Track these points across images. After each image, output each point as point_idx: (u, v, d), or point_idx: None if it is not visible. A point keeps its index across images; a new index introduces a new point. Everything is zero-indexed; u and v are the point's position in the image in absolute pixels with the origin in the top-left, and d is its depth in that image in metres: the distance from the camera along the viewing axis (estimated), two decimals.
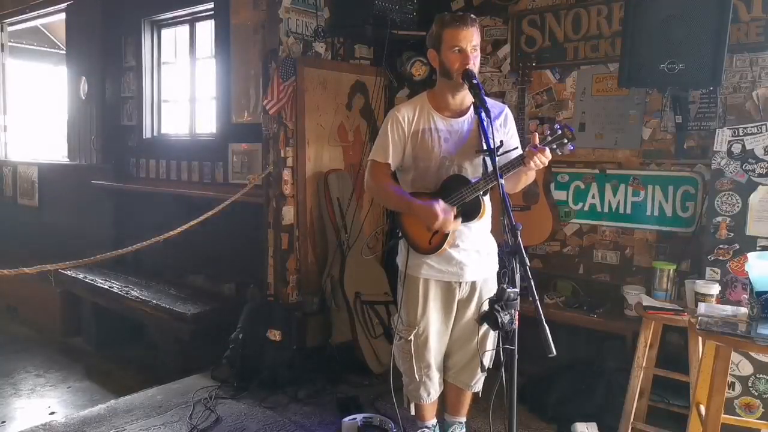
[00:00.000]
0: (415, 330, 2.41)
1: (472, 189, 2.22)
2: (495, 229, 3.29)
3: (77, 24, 5.61)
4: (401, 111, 2.33)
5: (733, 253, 2.75)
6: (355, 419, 2.88)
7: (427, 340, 2.43)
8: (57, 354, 4.57)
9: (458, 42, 2.17)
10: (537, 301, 1.67)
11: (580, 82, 3.52)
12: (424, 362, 2.45)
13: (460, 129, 2.31)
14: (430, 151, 2.30)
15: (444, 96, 2.31)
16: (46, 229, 5.85)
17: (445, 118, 2.32)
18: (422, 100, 2.36)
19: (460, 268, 2.35)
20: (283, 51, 3.71)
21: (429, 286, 2.39)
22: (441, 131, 2.30)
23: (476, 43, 2.20)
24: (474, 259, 2.37)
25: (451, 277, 2.37)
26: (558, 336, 1.63)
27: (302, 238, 3.84)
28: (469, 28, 2.18)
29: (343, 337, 3.66)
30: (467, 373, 2.53)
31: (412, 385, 2.52)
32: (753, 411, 2.62)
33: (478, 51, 2.21)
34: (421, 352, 2.44)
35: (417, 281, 2.39)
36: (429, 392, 2.51)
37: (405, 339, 2.44)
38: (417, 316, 2.41)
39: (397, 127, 2.32)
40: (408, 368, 2.48)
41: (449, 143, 2.30)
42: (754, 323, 2.06)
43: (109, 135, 5.34)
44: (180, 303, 4.08)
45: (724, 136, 2.78)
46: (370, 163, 2.39)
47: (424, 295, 2.39)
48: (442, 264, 2.35)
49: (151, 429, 2.93)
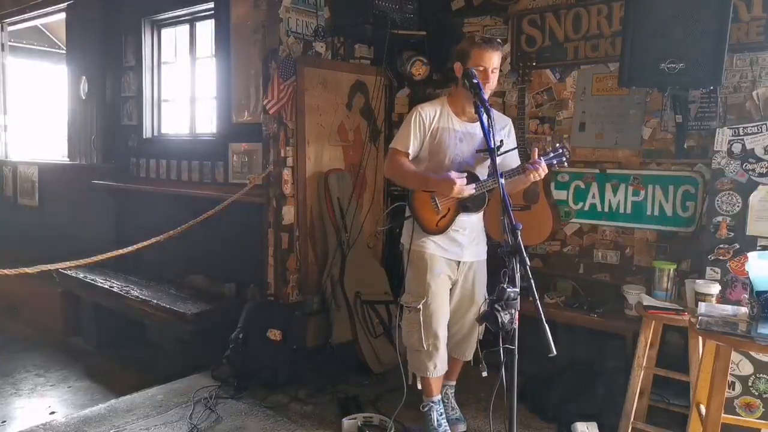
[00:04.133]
0: (423, 299, 2.64)
1: (481, 185, 2.53)
2: (495, 229, 3.31)
3: (77, 24, 5.60)
4: (425, 109, 2.63)
5: (734, 253, 2.76)
6: (355, 419, 2.89)
7: (435, 309, 2.65)
8: (57, 353, 4.57)
9: (483, 62, 2.47)
10: (537, 301, 1.68)
11: (581, 82, 3.52)
12: (432, 331, 2.64)
13: (474, 133, 2.61)
14: (446, 147, 2.60)
15: (461, 103, 2.61)
16: (46, 229, 5.84)
17: (462, 122, 2.62)
18: (443, 102, 2.67)
19: (461, 249, 2.68)
20: (284, 51, 3.71)
21: (434, 260, 2.66)
22: (458, 132, 2.61)
23: (497, 65, 2.51)
24: (472, 244, 2.72)
25: (453, 256, 2.68)
26: (558, 336, 1.64)
27: (302, 238, 3.84)
28: (495, 51, 2.49)
29: (343, 337, 3.66)
30: (464, 344, 2.82)
31: (419, 358, 2.69)
32: (753, 411, 2.62)
33: (497, 72, 2.53)
34: (429, 321, 2.64)
35: (424, 255, 2.66)
36: (436, 364, 2.68)
37: (414, 309, 2.66)
38: (425, 286, 2.65)
39: (420, 122, 2.61)
40: (416, 339, 2.66)
41: (464, 143, 2.61)
42: (755, 323, 2.06)
43: (109, 135, 5.34)
44: (180, 303, 4.07)
45: (724, 136, 2.78)
46: (391, 150, 2.69)
47: (431, 268, 2.65)
48: (445, 243, 2.66)
49: (151, 428, 2.93)
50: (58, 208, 5.77)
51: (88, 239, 5.08)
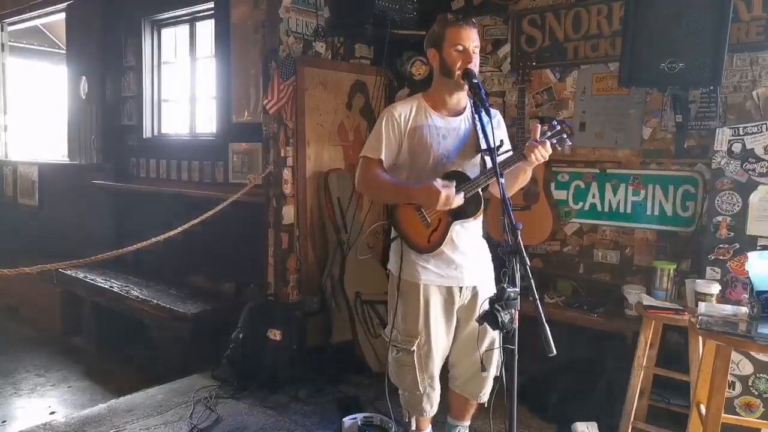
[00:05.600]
0: (417, 340, 2.30)
1: (473, 184, 2.18)
2: (495, 229, 3.30)
3: (77, 24, 5.61)
4: (397, 109, 2.28)
5: (734, 253, 2.75)
6: (356, 419, 2.88)
7: (431, 349, 2.31)
8: (57, 353, 4.57)
9: (461, 41, 2.17)
10: (537, 301, 1.67)
11: (581, 82, 3.51)
12: (428, 373, 2.34)
13: (458, 128, 2.28)
14: (428, 147, 2.24)
15: (441, 95, 2.29)
16: (46, 228, 5.85)
17: (443, 117, 2.28)
18: (418, 99, 2.33)
19: (459, 271, 2.28)
20: (284, 50, 3.71)
21: (429, 291, 2.29)
22: (439, 128, 2.26)
23: (477, 44, 2.21)
24: (472, 262, 2.32)
25: (452, 282, 2.29)
26: (558, 335, 1.63)
27: (302, 238, 3.84)
28: (472, 28, 2.20)
29: (343, 337, 3.66)
30: (474, 384, 2.43)
31: (414, 399, 2.40)
32: (753, 410, 2.62)
33: (478, 52, 2.21)
34: (425, 362, 2.32)
35: (416, 287, 2.29)
36: (432, 404, 2.42)
37: (406, 350, 2.33)
38: (419, 325, 2.29)
39: (392, 124, 2.26)
40: (410, 382, 2.36)
41: (447, 141, 2.26)
42: (755, 323, 2.06)
43: (109, 135, 5.34)
44: (180, 303, 4.08)
45: (724, 136, 2.78)
46: (362, 160, 2.31)
47: (425, 302, 2.28)
48: (441, 268, 2.27)
49: (151, 428, 2.93)
50: (58, 208, 5.77)
51: (88, 239, 5.09)
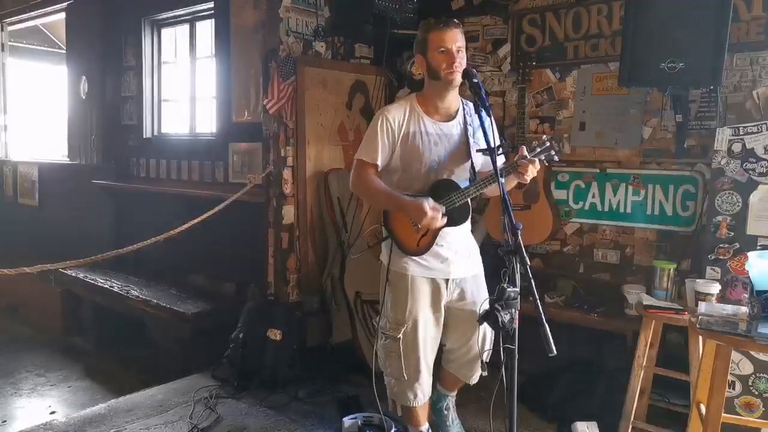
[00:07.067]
0: (403, 328, 2.39)
1: (462, 194, 2.27)
2: (495, 229, 3.30)
3: (77, 24, 5.61)
4: (391, 112, 2.33)
5: (734, 252, 2.75)
6: (356, 419, 2.88)
7: (416, 338, 2.39)
8: (57, 353, 4.57)
9: (444, 43, 2.22)
10: (537, 301, 1.68)
11: (581, 82, 3.51)
12: (412, 361, 2.41)
13: (450, 133, 2.34)
14: (420, 154, 2.31)
15: (433, 100, 2.34)
16: (46, 228, 5.85)
17: (435, 122, 2.34)
18: (411, 102, 2.37)
19: (446, 265, 2.37)
20: (284, 50, 3.71)
21: (416, 282, 2.37)
22: (431, 135, 2.32)
23: (461, 44, 2.25)
24: (460, 257, 2.41)
25: (438, 274, 2.38)
26: (558, 335, 1.64)
27: (302, 238, 3.84)
28: (453, 29, 2.24)
29: (343, 337, 3.66)
30: (468, 368, 2.56)
31: (399, 386, 2.47)
32: (753, 410, 2.62)
33: (463, 52, 2.25)
34: (410, 350, 2.40)
35: (404, 278, 2.38)
36: (416, 394, 2.45)
37: (393, 338, 2.41)
38: (405, 313, 2.38)
39: (388, 128, 2.31)
40: (395, 368, 2.43)
41: (439, 147, 2.32)
42: (755, 322, 2.05)
43: (109, 135, 5.34)
44: (180, 302, 4.08)
45: (724, 135, 2.78)
46: (357, 162, 2.39)
47: (412, 292, 2.37)
48: (430, 261, 2.36)
49: (151, 428, 2.93)
50: (58, 207, 5.77)
51: (88, 239, 5.09)
